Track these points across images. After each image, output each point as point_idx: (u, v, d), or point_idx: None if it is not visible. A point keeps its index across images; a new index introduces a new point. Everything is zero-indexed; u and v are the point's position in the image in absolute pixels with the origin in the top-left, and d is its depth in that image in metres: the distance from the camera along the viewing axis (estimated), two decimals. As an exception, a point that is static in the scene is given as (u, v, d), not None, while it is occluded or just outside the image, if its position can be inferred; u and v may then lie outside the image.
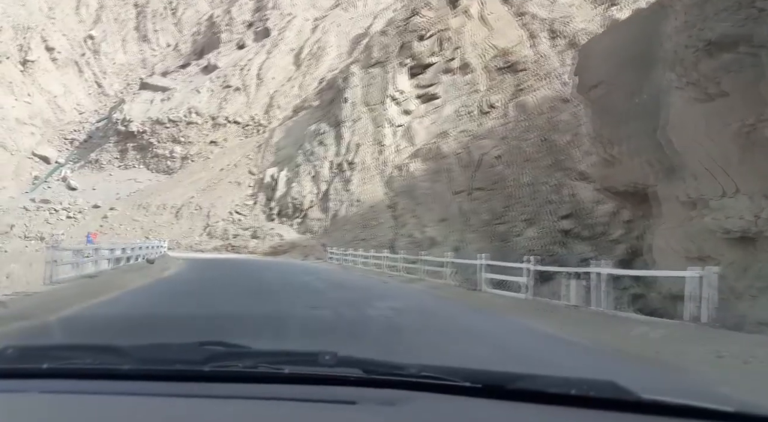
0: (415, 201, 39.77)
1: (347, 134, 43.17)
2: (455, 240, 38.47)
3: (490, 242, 39.13)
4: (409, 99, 46.31)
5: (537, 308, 9.21)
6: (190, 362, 1.44)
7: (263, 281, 14.15)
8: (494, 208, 39.83)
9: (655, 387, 2.11)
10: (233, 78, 55.47)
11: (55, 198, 43.33)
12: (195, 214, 41.63)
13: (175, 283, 13.16)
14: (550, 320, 7.96)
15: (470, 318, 8.81)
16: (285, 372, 1.38)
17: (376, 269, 20.71)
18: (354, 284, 14.39)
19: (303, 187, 41.15)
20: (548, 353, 5.71)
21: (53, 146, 52.08)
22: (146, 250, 23.46)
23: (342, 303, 9.33)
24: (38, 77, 55.29)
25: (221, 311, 7.43)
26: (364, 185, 40.69)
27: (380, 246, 35.15)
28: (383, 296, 11.12)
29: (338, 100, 45.28)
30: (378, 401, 1.27)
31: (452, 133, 44.06)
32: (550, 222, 39.22)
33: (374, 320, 7.36)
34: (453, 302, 10.83)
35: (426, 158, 42.38)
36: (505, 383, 1.33)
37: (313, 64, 57.60)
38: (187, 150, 49.52)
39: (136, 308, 8.40)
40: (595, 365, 5.13)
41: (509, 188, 41.07)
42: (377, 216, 38.75)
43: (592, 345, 6.24)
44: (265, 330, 5.65)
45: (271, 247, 36.92)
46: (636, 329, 6.77)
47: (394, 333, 6.26)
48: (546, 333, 7.01)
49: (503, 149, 42.96)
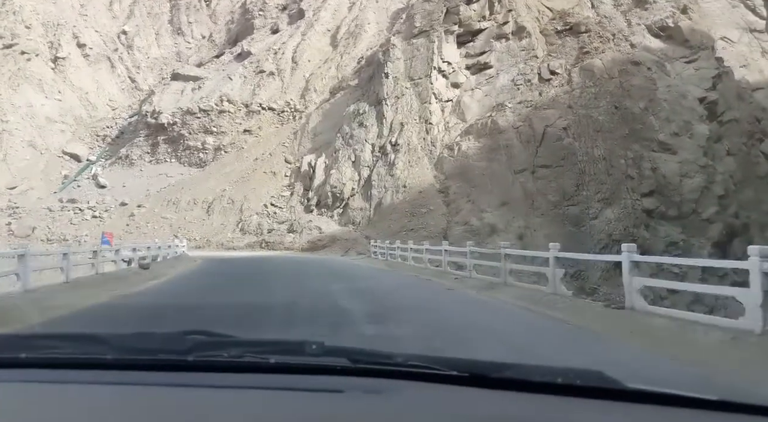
0: (469, 184, 34.67)
1: (389, 113, 38.50)
2: (519, 227, 33.11)
3: (560, 226, 33.50)
4: (458, 70, 41.13)
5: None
6: (174, 351, 1.39)
7: (272, 293, 9.92)
8: (564, 187, 34.15)
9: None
10: (267, 63, 51.79)
11: (83, 197, 40.92)
12: (227, 208, 38.10)
13: (116, 311, 8.04)
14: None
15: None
16: (271, 362, 1.35)
17: (433, 266, 15.72)
18: (410, 302, 8.82)
19: (343, 174, 36.83)
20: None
21: (84, 143, 50.05)
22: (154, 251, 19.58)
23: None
24: (69, 74, 53.47)
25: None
26: (411, 168, 35.95)
27: (431, 237, 30.38)
28: (477, 340, 5.77)
29: (378, 76, 40.63)
30: (365, 390, 1.25)
31: (509, 105, 38.60)
32: (630, 201, 33.26)
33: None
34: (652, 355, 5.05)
35: (480, 134, 37.15)
36: (491, 372, 1.32)
37: (350, 43, 53.18)
38: (219, 141, 46.19)
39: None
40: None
41: (580, 163, 35.23)
42: (427, 203, 33.94)
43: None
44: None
45: (309, 242, 32.81)
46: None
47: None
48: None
49: (570, 119, 37.12)
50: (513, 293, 9.08)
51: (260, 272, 15.72)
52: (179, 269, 17.25)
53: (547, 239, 32.69)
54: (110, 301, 8.93)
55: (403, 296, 9.82)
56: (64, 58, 53.94)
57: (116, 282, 11.60)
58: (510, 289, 9.54)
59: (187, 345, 1.42)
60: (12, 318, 6.48)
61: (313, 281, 12.51)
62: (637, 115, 36.01)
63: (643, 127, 35.51)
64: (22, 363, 1.38)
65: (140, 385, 1.29)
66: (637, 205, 32.90)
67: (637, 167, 34.02)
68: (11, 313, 6.84)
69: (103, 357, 1.38)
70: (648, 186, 33.17)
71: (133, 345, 1.47)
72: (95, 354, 1.41)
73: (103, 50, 59.56)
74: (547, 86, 40.24)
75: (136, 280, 12.56)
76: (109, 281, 11.63)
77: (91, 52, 57.71)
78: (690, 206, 32.87)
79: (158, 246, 20.23)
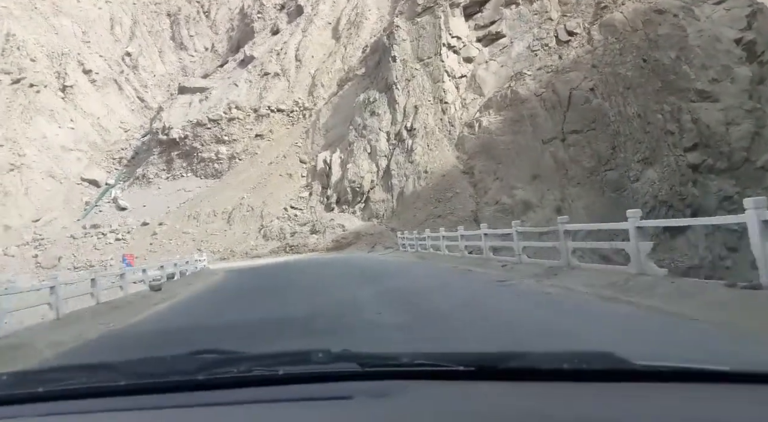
0: (495, 161, 32.55)
1: (401, 98, 36.63)
2: (555, 199, 30.85)
3: (599, 194, 31.07)
4: (469, 44, 38.91)
5: None
6: (184, 372, 1.42)
7: (288, 307, 8.37)
8: (598, 152, 31.69)
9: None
10: (270, 64, 50.47)
11: (105, 221, 40.42)
12: (247, 216, 36.94)
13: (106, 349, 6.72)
14: None
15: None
16: (279, 374, 1.36)
17: (473, 255, 13.64)
18: (455, 304, 6.85)
19: (360, 167, 35.17)
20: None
21: (102, 167, 49.76)
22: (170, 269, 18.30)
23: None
24: (79, 102, 53.29)
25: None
26: (431, 152, 34.03)
27: (460, 222, 28.47)
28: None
29: (385, 61, 38.77)
30: (373, 394, 1.24)
31: (528, 73, 36.21)
32: (673, 158, 30.60)
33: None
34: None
35: (500, 107, 34.93)
36: (497, 363, 1.31)
37: (353, 33, 51.39)
38: (232, 149, 45.13)
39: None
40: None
41: (613, 124, 32.68)
42: (452, 186, 32.00)
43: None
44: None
45: (334, 241, 31.31)
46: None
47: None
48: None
49: (596, 79, 34.50)
50: (584, 278, 7.05)
51: (279, 280, 14.23)
52: (196, 286, 15.90)
53: (586, 210, 30.44)
54: (95, 338, 7.43)
55: (446, 296, 7.75)
56: (72, 85, 53.77)
57: (114, 312, 10.24)
58: (578, 273, 7.47)
59: (196, 364, 1.44)
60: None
61: (337, 286, 10.81)
62: (668, 66, 33.26)
63: (676, 77, 32.76)
64: (41, 397, 1.39)
65: (154, 409, 1.29)
66: (681, 161, 30.30)
67: (677, 121, 31.38)
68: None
69: (117, 384, 1.40)
70: (691, 139, 30.51)
71: (143, 369, 1.49)
72: (108, 381, 1.42)
73: (109, 74, 59.34)
74: (566, 48, 37.70)
75: (141, 305, 11.20)
76: (107, 311, 10.31)
77: (98, 77, 57.50)
78: (740, 155, 30.09)
79: (174, 264, 18.93)
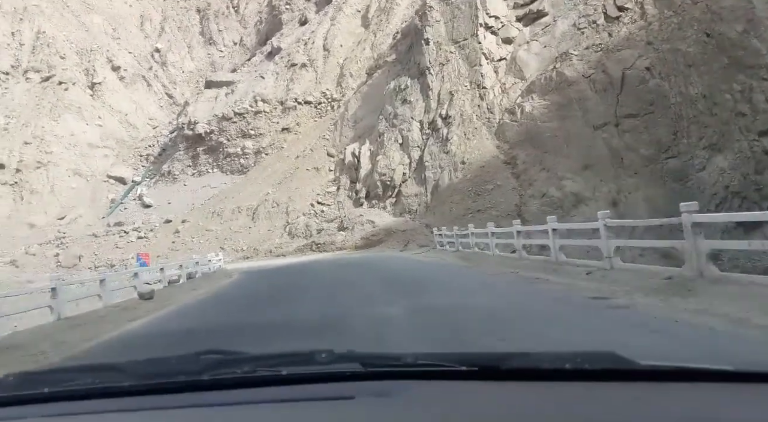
0: (540, 149, 29.45)
1: (435, 83, 33.90)
2: (609, 191, 27.56)
3: (660, 185, 27.51)
4: (508, 24, 35.80)
5: None
6: (189, 372, 1.41)
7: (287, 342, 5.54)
8: (658, 138, 28.17)
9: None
10: (297, 55, 48.44)
11: (129, 219, 39.19)
12: (272, 212, 34.94)
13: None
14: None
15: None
16: (283, 374, 1.36)
17: (535, 256, 10.73)
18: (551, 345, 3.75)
19: (391, 159, 32.64)
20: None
21: (128, 165, 48.83)
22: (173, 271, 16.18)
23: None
24: (107, 98, 52.60)
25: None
26: (468, 141, 31.20)
27: (502, 216, 25.59)
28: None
29: (418, 44, 36.07)
30: (375, 393, 1.24)
31: (575, 53, 32.86)
32: (745, 143, 26.83)
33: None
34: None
35: (545, 91, 31.76)
36: (500, 363, 1.30)
37: (383, 20, 48.81)
38: (258, 143, 43.29)
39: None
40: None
41: (674, 106, 29.02)
42: (492, 178, 29.10)
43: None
44: None
45: (363, 238, 28.90)
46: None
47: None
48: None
49: (652, 57, 30.83)
50: (752, 300, 4.32)
51: (296, 287, 11.68)
52: (198, 292, 13.68)
53: (647, 202, 27.01)
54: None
55: (527, 327, 4.84)
56: (100, 82, 53.15)
57: (64, 334, 7.84)
58: (729, 289, 4.71)
59: (201, 365, 1.44)
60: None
61: (360, 302, 7.63)
62: (735, 40, 29.44)
63: (745, 53, 28.93)
64: (46, 397, 1.39)
65: (158, 409, 1.29)
66: (755, 146, 26.57)
67: (748, 101, 27.60)
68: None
69: (121, 385, 1.39)
70: (765, 122, 26.75)
71: (148, 370, 1.49)
72: (113, 382, 1.42)
73: (137, 70, 58.63)
74: (616, 25, 34.15)
75: (109, 323, 8.95)
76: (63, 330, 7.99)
77: (126, 74, 56.82)
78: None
79: (180, 265, 16.80)
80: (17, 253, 34.87)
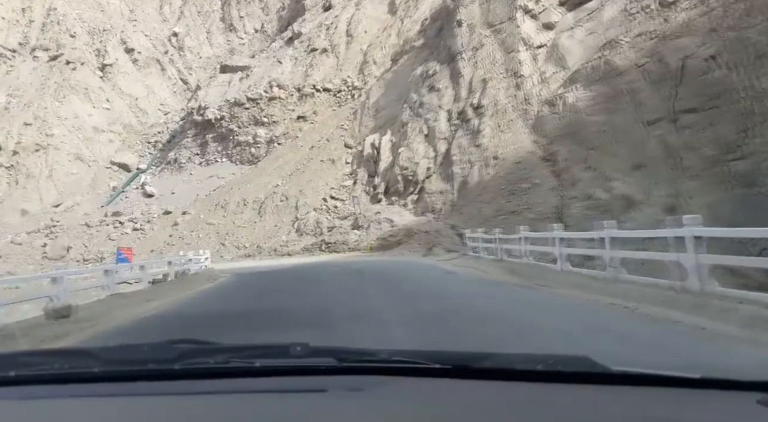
0: (584, 146, 25.87)
1: (467, 70, 30.51)
2: (665, 195, 23.76)
3: (725, 190, 23.40)
4: (549, 8, 32.23)
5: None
6: (161, 361, 1.38)
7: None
8: (723, 136, 24.20)
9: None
10: (318, 40, 45.41)
11: (128, 209, 36.49)
12: (281, 206, 31.89)
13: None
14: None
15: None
16: (256, 366, 1.35)
17: (646, 280, 7.09)
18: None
19: (414, 151, 29.34)
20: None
21: (134, 151, 46.26)
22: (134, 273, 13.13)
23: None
24: (118, 81, 50.20)
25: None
26: (501, 134, 27.75)
27: (539, 219, 22.12)
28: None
29: (449, 27, 32.68)
30: (348, 387, 1.24)
31: (625, 40, 29.13)
32: (829, 146, 23.18)
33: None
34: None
35: (590, 81, 28.16)
36: (472, 362, 1.31)
37: (411, 5, 45.53)
38: (271, 132, 40.32)
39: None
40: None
41: (743, 101, 24.98)
42: (528, 176, 25.63)
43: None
44: None
45: (379, 238, 25.66)
46: None
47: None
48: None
49: (717, 45, 26.71)
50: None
51: (288, 300, 8.43)
52: (151, 304, 10.46)
53: (709, 209, 23.15)
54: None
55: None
56: (111, 64, 50.77)
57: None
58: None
59: (174, 353, 1.40)
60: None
61: (377, 333, 4.47)
62: (815, 27, 25.47)
63: (828, 42, 24.97)
64: (12, 380, 1.36)
65: (129, 396, 1.27)
66: (842, 149, 22.69)
67: (832, 97, 23.72)
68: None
69: (91, 370, 1.36)
70: None
71: (120, 356, 1.45)
72: (83, 367, 1.39)
73: (152, 54, 56.20)
74: (673, 10, 30.21)
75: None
76: None
77: (140, 57, 54.42)
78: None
79: (141, 266, 13.64)
80: (2, 242, 32.29)
